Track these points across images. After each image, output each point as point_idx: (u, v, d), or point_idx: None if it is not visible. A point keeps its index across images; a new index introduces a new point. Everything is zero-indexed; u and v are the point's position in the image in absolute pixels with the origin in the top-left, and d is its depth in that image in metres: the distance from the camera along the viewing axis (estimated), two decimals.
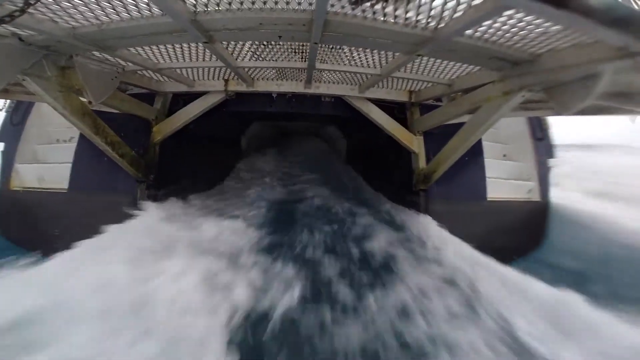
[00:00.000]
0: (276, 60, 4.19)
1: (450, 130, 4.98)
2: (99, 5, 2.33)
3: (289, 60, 4.20)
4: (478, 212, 5.15)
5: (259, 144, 12.50)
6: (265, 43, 3.72)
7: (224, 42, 3.35)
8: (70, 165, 5.07)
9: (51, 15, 2.41)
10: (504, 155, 6.02)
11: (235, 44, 3.68)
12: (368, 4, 2.42)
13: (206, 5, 2.34)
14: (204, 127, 6.35)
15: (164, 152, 5.46)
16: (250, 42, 3.67)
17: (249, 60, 4.16)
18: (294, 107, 5.95)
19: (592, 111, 3.90)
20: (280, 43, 3.67)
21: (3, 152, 5.45)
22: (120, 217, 4.52)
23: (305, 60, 4.12)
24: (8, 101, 5.49)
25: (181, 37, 2.79)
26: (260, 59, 4.17)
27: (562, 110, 3.57)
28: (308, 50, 3.72)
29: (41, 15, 2.39)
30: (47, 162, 5.43)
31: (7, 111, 5.60)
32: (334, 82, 5.21)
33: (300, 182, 9.44)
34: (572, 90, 3.21)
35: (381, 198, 7.28)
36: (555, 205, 5.71)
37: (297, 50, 3.98)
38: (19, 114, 5.57)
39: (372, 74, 4.31)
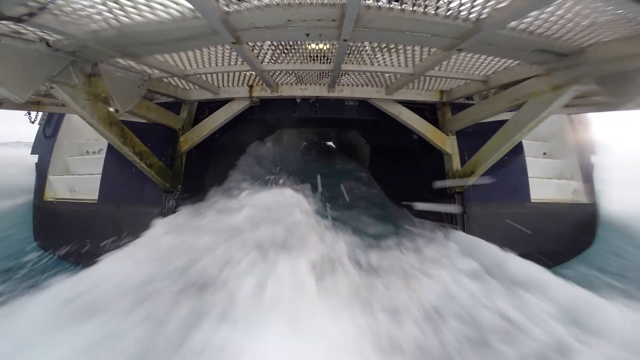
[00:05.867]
0: (301, 62, 4.01)
1: (485, 128, 4.68)
2: (117, 4, 2.23)
3: (313, 62, 4.00)
4: (522, 215, 4.79)
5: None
6: (283, 44, 3.57)
7: (250, 43, 3.23)
8: (99, 176, 5.14)
9: (74, 16, 2.36)
10: (544, 154, 5.66)
11: (260, 49, 3.57)
12: None
13: (238, 4, 2.22)
14: (228, 136, 6.28)
15: (189, 162, 5.43)
16: (268, 45, 3.53)
17: (268, 63, 3.99)
18: (318, 112, 5.78)
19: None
20: (299, 43, 3.50)
21: (37, 164, 5.62)
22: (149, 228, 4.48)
23: (329, 62, 3.93)
24: (40, 114, 5.62)
25: (209, 40, 2.69)
26: (278, 63, 4.02)
27: (618, 103, 3.27)
28: (334, 51, 3.56)
29: (64, 17, 2.33)
30: (78, 173, 5.57)
31: (39, 123, 5.74)
32: (358, 85, 5.00)
33: None
34: (632, 81, 2.92)
35: None
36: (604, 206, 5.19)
37: (317, 53, 3.80)
38: (51, 126, 5.73)
39: (403, 73, 4.05)
